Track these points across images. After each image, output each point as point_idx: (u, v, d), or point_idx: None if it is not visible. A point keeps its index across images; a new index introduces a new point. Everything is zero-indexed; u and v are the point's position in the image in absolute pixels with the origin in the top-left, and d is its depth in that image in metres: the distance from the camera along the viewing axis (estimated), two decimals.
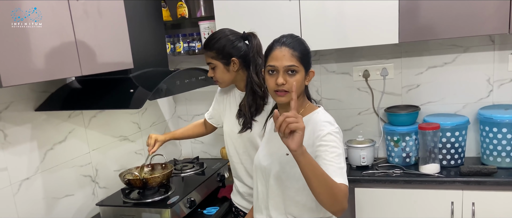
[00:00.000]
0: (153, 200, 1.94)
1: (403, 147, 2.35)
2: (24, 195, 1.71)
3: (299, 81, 1.35)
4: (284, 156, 1.41)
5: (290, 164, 1.39)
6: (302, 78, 1.37)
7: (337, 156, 1.29)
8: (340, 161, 1.29)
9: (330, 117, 1.41)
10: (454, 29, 2.04)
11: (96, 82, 1.88)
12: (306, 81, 1.41)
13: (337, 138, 1.33)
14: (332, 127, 1.35)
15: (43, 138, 1.82)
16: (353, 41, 2.17)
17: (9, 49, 1.25)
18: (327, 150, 1.29)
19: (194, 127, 2.21)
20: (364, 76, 2.52)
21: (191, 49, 2.61)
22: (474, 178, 2.06)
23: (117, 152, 2.29)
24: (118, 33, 1.76)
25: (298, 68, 1.35)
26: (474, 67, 2.34)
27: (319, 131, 1.34)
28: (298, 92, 1.38)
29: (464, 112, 2.40)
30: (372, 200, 2.23)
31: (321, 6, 2.15)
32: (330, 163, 1.27)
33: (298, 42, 1.39)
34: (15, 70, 1.26)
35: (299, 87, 1.36)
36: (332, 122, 1.39)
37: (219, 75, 1.79)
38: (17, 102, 1.71)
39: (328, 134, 1.32)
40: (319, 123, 1.37)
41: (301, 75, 1.36)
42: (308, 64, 1.39)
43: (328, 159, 1.28)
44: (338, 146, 1.31)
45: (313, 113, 1.43)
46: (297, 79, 1.35)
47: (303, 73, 1.37)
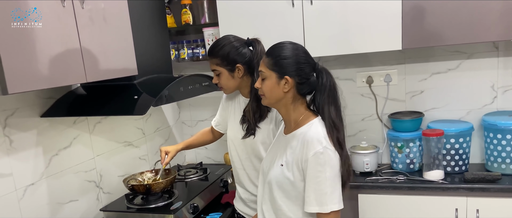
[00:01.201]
0: (157, 206, 1.95)
1: (407, 153, 2.34)
2: (29, 201, 1.73)
3: (268, 86, 1.40)
4: (279, 165, 1.44)
5: (283, 175, 1.41)
6: (272, 84, 1.39)
7: (321, 181, 1.32)
8: (322, 188, 1.32)
9: (320, 132, 1.37)
10: (458, 36, 2.03)
11: (101, 89, 1.90)
12: (283, 89, 1.39)
13: (322, 159, 1.32)
14: (319, 146, 1.33)
15: (48, 144, 1.84)
16: (356, 48, 2.18)
17: (13, 53, 1.26)
18: (311, 175, 1.34)
19: (202, 135, 2.19)
20: (368, 82, 2.52)
21: (195, 56, 2.62)
22: (479, 184, 2.05)
23: (121, 158, 2.31)
24: (123, 40, 1.78)
25: (265, 74, 1.40)
26: (478, 73, 2.34)
27: (307, 150, 1.35)
28: (271, 96, 1.42)
29: (468, 119, 2.39)
30: (375, 207, 2.22)
31: (324, 13, 2.16)
32: (312, 189, 1.34)
33: (278, 48, 1.41)
34: (20, 77, 1.28)
35: (268, 91, 1.41)
36: (321, 138, 1.35)
37: (224, 82, 1.80)
38: (23, 109, 1.73)
39: (314, 156, 1.33)
40: (308, 141, 1.36)
41: (270, 81, 1.40)
42: (281, 70, 1.38)
43: (310, 185, 1.34)
44: (323, 169, 1.32)
45: (306, 126, 1.41)
46: (266, 84, 1.41)
47: (273, 79, 1.39)
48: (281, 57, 1.39)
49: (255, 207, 1.88)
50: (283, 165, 1.42)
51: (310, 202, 1.34)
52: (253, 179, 1.86)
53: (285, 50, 1.40)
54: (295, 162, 1.38)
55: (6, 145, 1.64)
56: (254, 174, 1.85)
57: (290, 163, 1.40)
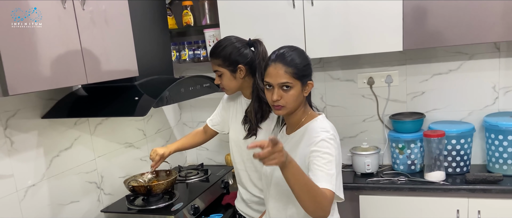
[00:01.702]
0: (157, 207, 1.95)
1: (408, 155, 2.34)
2: (30, 202, 1.73)
3: (293, 96, 1.39)
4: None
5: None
6: (298, 92, 1.39)
7: (328, 162, 1.31)
8: (330, 168, 1.31)
9: (327, 124, 1.42)
10: (459, 37, 2.03)
11: (101, 90, 1.90)
12: (304, 93, 1.43)
13: (330, 145, 1.34)
14: (326, 134, 1.36)
15: (49, 145, 1.84)
16: (357, 49, 2.18)
17: (13, 54, 1.26)
18: (319, 156, 1.32)
19: (194, 136, 2.17)
20: (369, 83, 2.52)
21: (196, 57, 2.63)
22: (480, 186, 2.05)
23: (122, 159, 2.31)
24: (124, 41, 1.78)
25: (292, 84, 1.38)
26: (480, 74, 2.33)
27: (314, 138, 1.36)
28: (294, 105, 1.41)
29: (469, 119, 2.38)
30: (376, 208, 2.22)
31: (325, 14, 2.16)
32: (320, 168, 1.30)
33: (294, 56, 1.39)
34: (21, 78, 1.28)
35: (294, 100, 1.40)
36: (328, 129, 1.39)
37: (226, 83, 1.80)
38: (24, 110, 1.73)
39: (322, 141, 1.34)
40: (315, 130, 1.39)
41: (296, 90, 1.39)
42: (304, 77, 1.40)
43: (318, 164, 1.31)
44: (331, 152, 1.33)
45: (312, 121, 1.45)
46: (292, 94, 1.38)
47: (298, 87, 1.39)
48: (303, 64, 1.40)
49: (257, 208, 1.88)
50: None
51: (318, 179, 1.28)
52: (255, 180, 1.86)
53: (303, 55, 1.43)
54: (299, 157, 1.39)
55: (7, 146, 1.64)
56: (256, 175, 1.85)
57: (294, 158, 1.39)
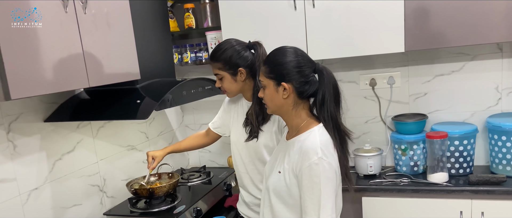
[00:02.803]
0: (160, 210, 1.95)
1: (410, 156, 2.33)
2: (32, 205, 1.74)
3: (268, 95, 1.41)
4: (277, 172, 1.43)
5: (280, 182, 1.41)
6: (270, 92, 1.39)
7: (316, 191, 1.30)
8: (317, 198, 1.30)
9: (317, 142, 1.33)
10: (461, 38, 2.02)
11: (104, 93, 1.91)
12: (282, 96, 1.37)
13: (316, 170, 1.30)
14: (314, 157, 1.30)
15: (52, 149, 1.85)
16: (359, 50, 2.17)
17: (15, 59, 1.26)
18: (307, 186, 1.32)
19: (195, 138, 2.17)
20: (371, 85, 2.51)
21: (198, 59, 2.63)
22: (483, 187, 2.04)
23: (125, 162, 2.31)
24: (125, 44, 1.78)
25: (263, 83, 1.41)
26: (482, 75, 2.32)
27: (302, 160, 1.33)
28: (272, 105, 1.42)
29: (472, 120, 2.37)
30: (379, 209, 2.21)
31: (327, 15, 2.16)
32: (310, 200, 1.32)
33: (273, 55, 1.41)
34: (23, 82, 1.29)
35: (270, 100, 1.42)
36: (317, 149, 1.31)
37: (226, 85, 1.80)
38: (27, 113, 1.74)
39: (309, 167, 1.31)
40: (304, 151, 1.33)
41: (269, 90, 1.40)
42: (277, 78, 1.36)
43: (307, 195, 1.32)
44: (317, 180, 1.29)
45: (306, 134, 1.39)
46: (266, 93, 1.41)
47: (271, 88, 1.39)
48: (276, 63, 1.37)
49: (259, 210, 1.88)
50: (281, 172, 1.41)
51: (308, 212, 1.32)
52: (257, 182, 1.86)
53: (280, 55, 1.38)
54: (291, 169, 1.37)
55: (10, 150, 1.65)
56: (258, 177, 1.84)
57: (287, 170, 1.39)
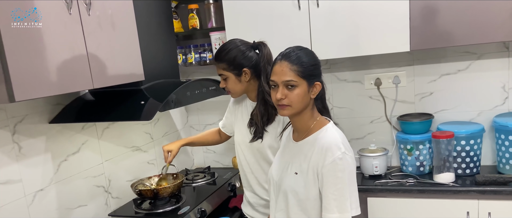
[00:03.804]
0: (164, 210, 1.96)
1: (416, 156, 2.32)
2: (38, 206, 1.74)
3: (299, 95, 1.35)
4: (293, 174, 1.41)
5: (298, 184, 1.39)
6: (303, 92, 1.36)
7: (340, 187, 1.31)
8: (342, 193, 1.31)
9: (338, 138, 1.36)
10: (467, 36, 2.00)
11: (108, 94, 1.91)
12: (311, 95, 1.39)
13: (341, 165, 1.31)
14: (337, 152, 1.32)
15: (57, 150, 1.85)
16: (363, 50, 2.16)
17: (19, 62, 1.27)
18: (330, 182, 1.32)
19: (209, 134, 2.20)
20: (376, 84, 2.50)
21: (203, 60, 2.63)
22: (490, 187, 2.01)
23: (130, 163, 2.32)
24: (129, 45, 1.79)
25: (297, 83, 1.35)
26: (489, 74, 2.30)
27: (324, 156, 1.33)
28: (300, 106, 1.38)
29: (479, 120, 2.35)
30: (385, 210, 2.19)
31: (331, 15, 2.15)
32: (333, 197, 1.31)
33: (300, 55, 1.37)
34: (27, 84, 1.29)
35: (299, 101, 1.36)
36: (339, 144, 1.34)
37: (231, 86, 1.79)
38: (32, 115, 1.75)
39: (333, 163, 1.31)
40: (326, 147, 1.34)
41: (301, 89, 1.35)
42: (311, 77, 1.37)
43: (330, 191, 1.32)
44: (342, 175, 1.31)
45: (321, 131, 1.40)
46: (297, 93, 1.35)
47: (304, 87, 1.36)
48: (310, 63, 1.37)
49: (264, 211, 1.87)
50: (298, 173, 1.40)
51: (330, 209, 1.31)
52: (262, 182, 1.85)
53: (311, 56, 1.40)
54: (310, 169, 1.36)
55: (15, 151, 1.66)
56: (263, 177, 1.84)
57: (305, 170, 1.38)
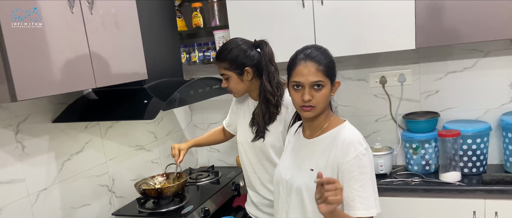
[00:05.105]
0: (168, 210, 1.95)
1: (422, 155, 2.29)
2: (41, 206, 1.75)
3: (325, 95, 1.33)
4: (307, 171, 1.39)
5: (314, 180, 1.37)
6: (328, 92, 1.34)
7: (364, 184, 1.28)
8: (366, 190, 1.28)
9: (358, 135, 1.35)
10: (473, 34, 1.98)
11: (112, 93, 1.91)
12: (332, 93, 1.37)
13: (365, 161, 1.29)
14: (360, 147, 1.30)
15: (60, 149, 1.85)
16: (368, 48, 2.14)
17: (21, 61, 1.27)
18: (354, 178, 1.29)
19: (214, 133, 2.20)
20: (381, 83, 2.48)
21: (206, 58, 2.62)
22: (497, 186, 1.99)
23: (134, 162, 2.31)
24: (132, 44, 1.78)
25: (324, 82, 1.32)
26: (495, 72, 2.27)
27: (346, 152, 1.31)
28: (324, 106, 1.36)
29: (485, 118, 2.32)
30: (390, 209, 2.17)
31: (335, 13, 2.13)
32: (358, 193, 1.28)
33: (324, 55, 1.34)
34: (29, 84, 1.29)
35: (324, 101, 1.34)
36: (361, 140, 1.33)
37: (233, 85, 1.78)
38: (35, 114, 1.75)
39: (356, 158, 1.29)
40: (347, 143, 1.32)
41: (327, 89, 1.33)
42: (333, 76, 1.36)
43: (354, 188, 1.28)
44: (365, 170, 1.29)
45: (340, 128, 1.38)
46: (323, 93, 1.32)
47: (329, 87, 1.34)
48: (332, 62, 1.35)
49: (267, 210, 1.86)
50: (314, 169, 1.37)
51: (355, 206, 1.28)
52: (265, 182, 1.84)
53: (330, 55, 1.37)
54: (329, 165, 1.34)
55: (18, 151, 1.66)
56: (266, 177, 1.83)
57: (322, 167, 1.35)
